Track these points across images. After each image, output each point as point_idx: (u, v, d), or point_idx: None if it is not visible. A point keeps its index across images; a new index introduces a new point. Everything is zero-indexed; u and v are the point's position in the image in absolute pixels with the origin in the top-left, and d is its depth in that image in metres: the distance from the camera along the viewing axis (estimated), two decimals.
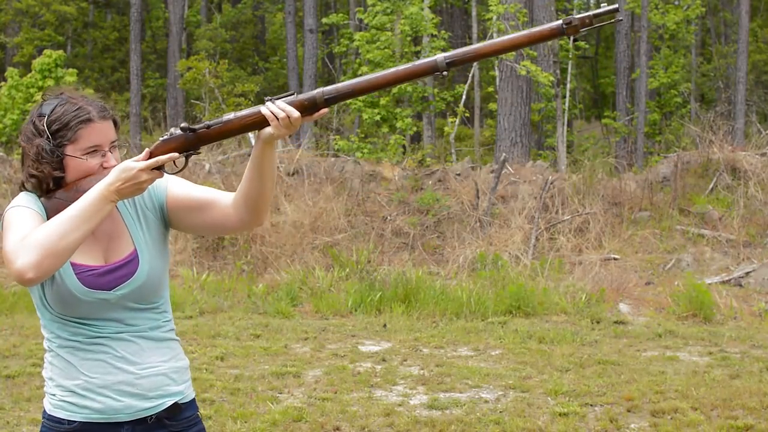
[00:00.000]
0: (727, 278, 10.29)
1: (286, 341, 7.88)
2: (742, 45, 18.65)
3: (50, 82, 16.49)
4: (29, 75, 16.72)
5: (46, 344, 2.38)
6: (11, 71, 16.87)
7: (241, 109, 2.30)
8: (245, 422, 5.57)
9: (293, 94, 2.26)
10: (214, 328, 8.30)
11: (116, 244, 2.36)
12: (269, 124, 2.23)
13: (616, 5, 2.19)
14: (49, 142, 2.27)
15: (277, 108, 2.22)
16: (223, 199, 2.38)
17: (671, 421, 5.63)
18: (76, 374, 2.32)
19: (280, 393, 6.27)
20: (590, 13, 2.19)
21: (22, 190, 2.34)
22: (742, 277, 10.26)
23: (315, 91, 2.26)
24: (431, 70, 2.23)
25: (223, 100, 17.83)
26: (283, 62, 26.47)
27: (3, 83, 16.83)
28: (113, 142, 2.34)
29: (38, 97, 16.16)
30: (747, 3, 18.90)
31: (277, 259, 10.77)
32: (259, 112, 2.23)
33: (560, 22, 2.19)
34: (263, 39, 29.81)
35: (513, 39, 2.24)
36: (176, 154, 2.24)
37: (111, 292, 2.30)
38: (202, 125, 2.27)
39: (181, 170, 2.30)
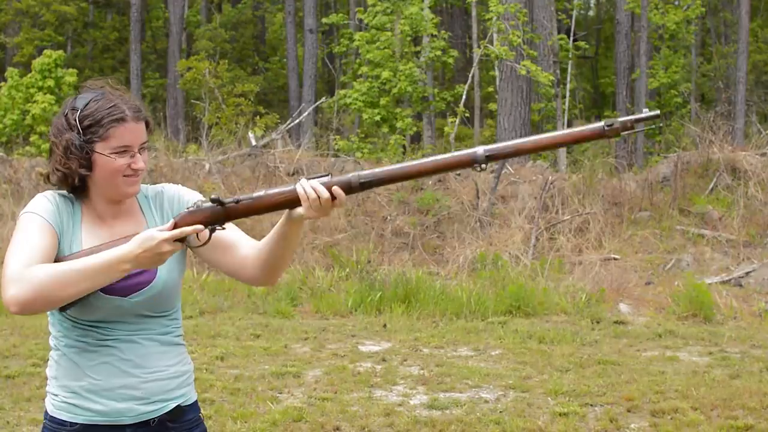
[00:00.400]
0: (727, 278, 10.29)
1: (286, 341, 7.88)
2: (742, 45, 18.65)
3: (50, 82, 16.51)
4: (29, 75, 16.73)
5: (52, 342, 2.36)
6: (11, 71, 16.89)
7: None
8: (245, 422, 5.57)
9: (329, 174, 2.22)
10: (214, 328, 8.30)
11: None
12: (300, 204, 2.21)
13: (657, 111, 2.20)
14: (80, 137, 2.23)
15: (310, 189, 2.18)
16: (245, 248, 2.36)
17: (671, 421, 5.63)
18: (81, 375, 2.30)
19: (280, 393, 6.27)
20: (632, 117, 2.20)
21: (46, 183, 2.31)
22: (742, 277, 10.26)
23: (351, 175, 2.23)
24: (470, 162, 2.22)
25: (223, 100, 17.84)
26: (283, 62, 26.48)
27: (3, 83, 16.83)
28: (143, 143, 2.30)
29: (38, 96, 16.17)
30: (747, 3, 18.90)
31: None
32: (291, 191, 2.21)
33: (602, 124, 2.20)
34: (263, 39, 29.81)
35: (555, 137, 2.25)
36: (201, 227, 2.20)
37: (126, 298, 2.28)
38: (231, 200, 2.22)
39: (203, 244, 2.26)
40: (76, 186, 2.29)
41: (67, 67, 17.97)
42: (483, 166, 2.21)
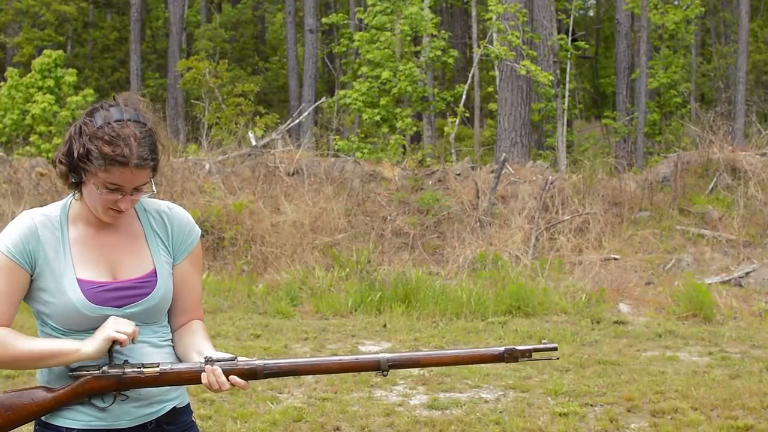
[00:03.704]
0: (727, 278, 10.29)
1: (286, 341, 7.88)
2: (742, 45, 18.65)
3: (50, 82, 16.51)
4: (29, 75, 16.73)
5: None
6: (11, 71, 16.88)
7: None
8: (245, 422, 5.57)
9: (235, 358, 2.30)
10: (214, 328, 8.30)
11: (131, 260, 2.32)
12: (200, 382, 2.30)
13: (555, 345, 2.35)
14: (82, 150, 2.19)
15: (213, 377, 2.26)
16: (179, 318, 2.43)
17: (671, 421, 5.63)
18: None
19: (280, 393, 6.27)
20: (531, 347, 2.33)
21: (54, 167, 2.29)
22: (742, 277, 10.26)
23: (257, 362, 2.33)
24: (373, 367, 2.33)
25: (223, 100, 17.83)
26: (283, 62, 26.48)
27: (3, 83, 16.83)
28: (142, 185, 2.25)
29: (38, 96, 16.16)
30: (747, 3, 18.90)
31: (277, 259, 10.77)
32: (196, 372, 2.28)
33: (503, 349, 2.34)
34: (263, 39, 29.82)
35: (457, 356, 2.38)
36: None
37: (120, 309, 2.27)
38: (136, 371, 2.27)
39: (108, 406, 2.30)
40: (73, 186, 2.28)
41: (67, 67, 17.97)
42: (385, 372, 2.32)
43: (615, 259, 11.00)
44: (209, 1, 29.08)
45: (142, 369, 2.25)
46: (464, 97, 16.72)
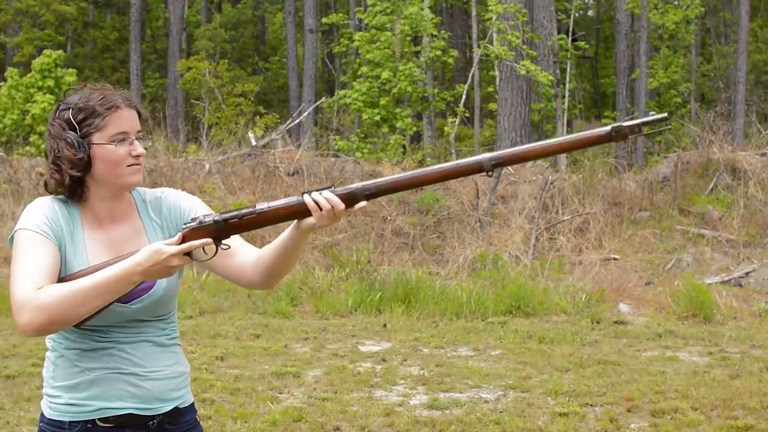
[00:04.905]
0: (727, 278, 10.29)
1: (286, 341, 7.88)
2: (742, 45, 18.65)
3: (50, 82, 16.50)
4: (29, 75, 16.72)
5: (49, 343, 2.36)
6: (11, 71, 16.87)
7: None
8: (245, 422, 5.57)
9: (332, 186, 2.24)
10: (214, 328, 8.30)
11: None
12: (304, 215, 2.23)
13: (666, 114, 2.18)
14: (76, 133, 2.24)
15: (323, 199, 2.20)
16: (244, 253, 2.38)
17: (671, 421, 5.63)
18: (80, 376, 2.29)
19: (280, 393, 6.27)
20: (639, 121, 2.16)
21: (45, 188, 2.30)
22: (742, 277, 10.26)
23: (354, 186, 2.24)
24: (476, 170, 2.22)
25: (223, 100, 17.83)
26: (283, 62, 26.48)
27: (3, 83, 16.82)
28: (139, 131, 2.32)
29: (38, 96, 16.17)
30: (747, 3, 18.90)
31: None
32: (297, 203, 2.22)
33: (609, 128, 2.17)
34: (263, 39, 29.81)
35: (561, 143, 2.23)
36: (209, 240, 2.21)
37: (127, 305, 2.28)
38: (234, 215, 2.24)
39: (210, 258, 2.27)
40: (75, 189, 2.28)
41: (67, 67, 17.97)
42: (491, 173, 2.20)
43: (615, 259, 11.00)
44: (209, 1, 29.08)
45: (241, 212, 2.24)
46: (464, 97, 16.72)
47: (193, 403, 2.48)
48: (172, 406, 2.39)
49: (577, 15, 21.31)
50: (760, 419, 5.65)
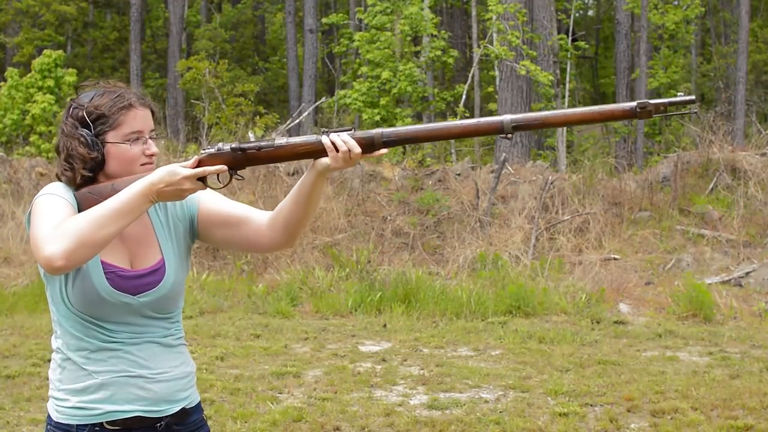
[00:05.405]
0: (727, 278, 10.29)
1: (286, 341, 7.88)
2: (742, 45, 18.65)
3: (50, 82, 16.51)
4: (29, 75, 16.72)
5: (55, 345, 2.34)
6: (11, 71, 16.87)
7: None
8: (245, 422, 5.57)
9: (352, 129, 2.22)
10: (214, 328, 8.31)
11: (144, 250, 2.34)
12: (322, 155, 2.23)
13: (693, 96, 2.15)
14: (90, 131, 2.24)
15: (340, 140, 2.19)
16: (257, 217, 2.37)
17: (671, 421, 5.63)
18: (87, 378, 2.28)
19: (280, 393, 6.27)
20: (666, 100, 2.14)
21: (64, 169, 2.29)
22: (742, 277, 10.26)
23: (374, 131, 2.22)
24: (496, 130, 2.20)
25: (223, 100, 17.83)
26: (283, 62, 26.48)
27: (3, 83, 16.82)
28: (152, 130, 2.32)
29: (38, 96, 16.17)
30: (747, 3, 18.90)
31: (277, 259, 10.77)
32: (315, 142, 2.22)
33: (634, 104, 2.14)
34: (263, 39, 29.81)
35: (584, 114, 2.20)
36: (224, 167, 2.21)
37: (135, 297, 2.28)
38: (253, 145, 2.23)
39: (224, 186, 2.27)
40: (85, 186, 2.28)
41: (67, 67, 17.96)
42: (509, 135, 2.18)
43: (615, 259, 11.00)
44: (209, 1, 29.07)
45: (260, 143, 2.23)
46: (464, 97, 16.72)
47: (199, 402, 2.48)
48: (180, 407, 2.38)
49: (577, 15, 21.31)
50: (760, 419, 5.65)
